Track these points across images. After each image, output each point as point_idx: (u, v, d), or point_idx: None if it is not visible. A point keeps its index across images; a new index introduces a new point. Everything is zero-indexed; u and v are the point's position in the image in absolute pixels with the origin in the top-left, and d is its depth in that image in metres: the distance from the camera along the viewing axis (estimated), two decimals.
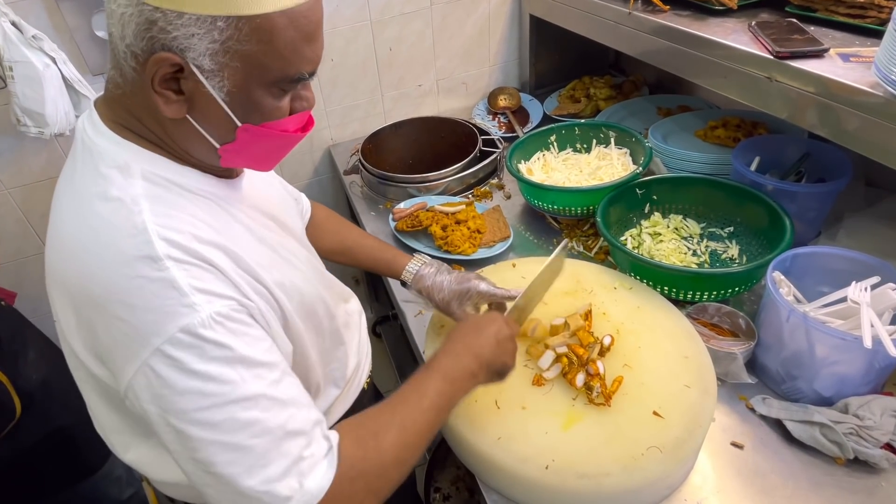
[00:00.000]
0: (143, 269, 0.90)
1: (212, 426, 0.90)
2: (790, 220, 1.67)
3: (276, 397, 0.95)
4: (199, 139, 1.01)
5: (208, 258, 0.95)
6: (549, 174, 2.20)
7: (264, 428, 0.92)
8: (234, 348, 0.92)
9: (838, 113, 1.34)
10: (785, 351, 1.44)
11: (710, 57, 1.64)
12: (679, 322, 1.54)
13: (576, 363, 1.41)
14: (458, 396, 1.18)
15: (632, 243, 1.93)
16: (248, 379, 0.93)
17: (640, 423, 1.31)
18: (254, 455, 0.92)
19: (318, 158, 2.96)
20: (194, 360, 0.90)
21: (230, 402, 0.91)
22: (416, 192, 2.40)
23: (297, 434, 0.95)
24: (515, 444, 1.31)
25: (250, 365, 0.94)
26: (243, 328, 0.96)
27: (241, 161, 1.08)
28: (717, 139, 2.21)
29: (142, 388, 0.92)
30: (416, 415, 1.09)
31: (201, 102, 0.96)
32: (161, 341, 0.89)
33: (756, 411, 1.46)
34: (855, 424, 1.33)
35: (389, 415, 1.08)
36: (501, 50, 3.02)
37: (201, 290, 0.92)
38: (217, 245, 0.98)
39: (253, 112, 0.99)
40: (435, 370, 1.17)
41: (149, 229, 0.92)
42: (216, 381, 0.91)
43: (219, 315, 0.92)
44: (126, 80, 0.98)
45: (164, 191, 0.99)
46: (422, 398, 1.12)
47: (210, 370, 0.90)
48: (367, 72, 2.80)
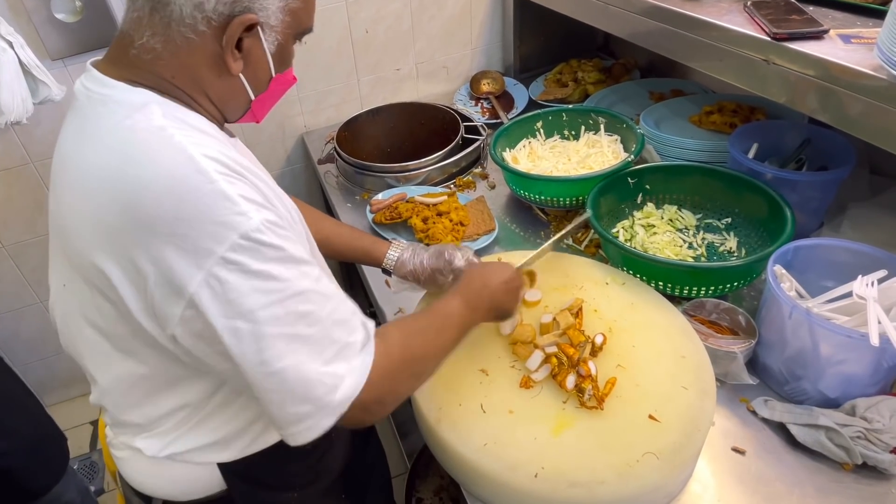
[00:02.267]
0: (194, 183, 0.97)
1: (276, 319, 1.00)
2: (791, 210, 1.66)
3: (321, 291, 1.07)
4: (240, 94, 1.17)
5: (244, 174, 1.04)
6: (535, 163, 2.20)
7: (317, 318, 1.04)
8: (286, 249, 1.02)
9: (840, 97, 1.33)
10: (787, 350, 1.43)
11: (704, 39, 1.63)
12: (675, 319, 1.54)
13: (566, 364, 1.40)
14: (474, 323, 1.35)
15: (624, 236, 1.92)
16: (298, 276, 1.03)
17: (634, 428, 1.31)
18: (312, 342, 1.04)
19: (290, 147, 2.97)
20: (254, 262, 0.98)
21: (289, 296, 1.01)
22: (394, 182, 2.40)
23: (341, 322, 1.09)
24: (503, 451, 1.30)
25: (298, 263, 1.04)
26: (286, 233, 1.04)
27: (259, 109, 1.25)
28: (713, 125, 2.21)
29: (207, 300, 0.98)
30: (448, 325, 1.29)
31: (255, 58, 1.13)
32: (224, 249, 0.97)
33: (758, 414, 1.45)
34: (863, 428, 1.32)
35: (428, 320, 1.29)
36: (484, 32, 3.04)
37: (249, 199, 1.00)
38: (245, 166, 1.06)
39: (283, 63, 1.19)
40: (460, 296, 1.34)
41: (187, 147, 1.00)
42: (276, 279, 1.00)
43: (268, 221, 1.00)
44: (169, 47, 1.06)
45: (184, 127, 1.05)
46: (452, 313, 1.31)
47: (270, 269, 1.00)
48: (342, 55, 2.81)
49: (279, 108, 2.75)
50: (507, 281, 1.44)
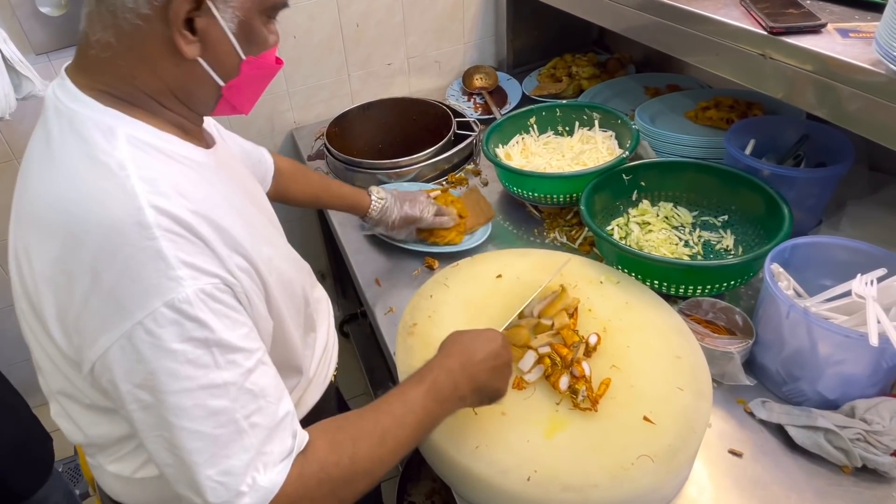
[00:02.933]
0: (132, 237, 0.92)
1: (180, 410, 0.93)
2: (788, 207, 1.66)
3: (246, 387, 0.98)
4: (206, 82, 1.09)
5: (196, 229, 0.97)
6: (528, 159, 2.20)
7: (230, 418, 0.96)
8: (215, 330, 0.95)
9: (838, 92, 1.33)
10: (785, 350, 1.43)
11: (699, 33, 1.63)
12: (670, 319, 1.53)
13: (559, 365, 1.40)
14: (442, 417, 1.20)
15: (618, 233, 1.92)
16: (223, 364, 0.96)
17: (629, 430, 1.30)
18: (217, 445, 0.95)
19: (280, 143, 2.96)
20: (173, 338, 0.92)
21: (201, 387, 0.94)
22: (385, 179, 2.39)
23: (261, 428, 0.98)
24: (495, 454, 1.29)
25: (227, 350, 0.96)
26: (225, 309, 0.98)
27: (237, 99, 1.16)
28: (709, 121, 2.20)
29: (116, 361, 0.94)
30: (399, 430, 1.12)
31: (213, 39, 1.04)
32: (144, 315, 0.91)
33: (755, 416, 1.45)
34: (862, 429, 1.31)
35: (372, 423, 1.11)
36: (477, 26, 3.03)
37: (188, 263, 0.94)
38: (203, 216, 1.00)
39: (253, 43, 1.09)
40: (428, 385, 1.18)
41: (138, 195, 0.94)
42: (192, 363, 0.93)
43: (203, 293, 0.95)
44: (122, 39, 1.01)
45: (148, 156, 1.01)
46: (407, 413, 1.14)
47: (187, 351, 0.93)
48: (332, 50, 2.80)
49: (268, 104, 2.77)
50: (493, 357, 1.26)
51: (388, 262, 2.05)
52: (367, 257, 2.07)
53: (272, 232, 1.30)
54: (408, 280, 1.96)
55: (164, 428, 0.95)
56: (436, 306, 1.64)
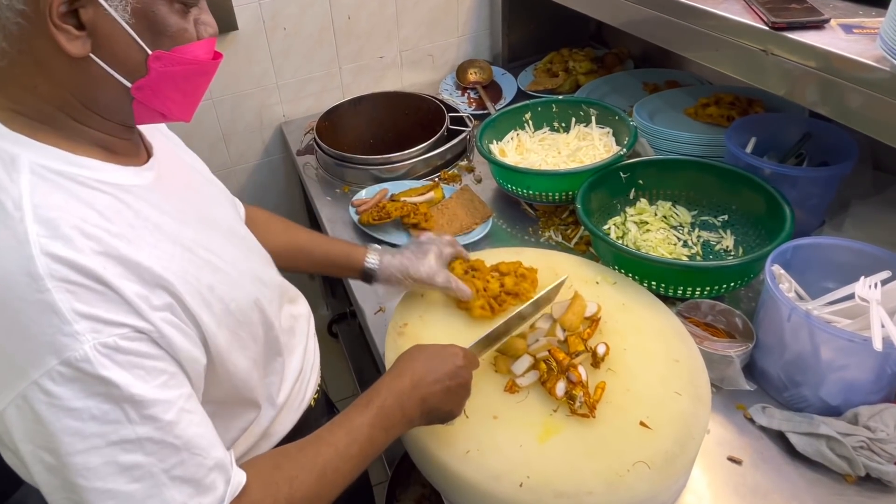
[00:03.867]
0: (20, 290, 0.85)
1: (87, 470, 0.87)
2: (790, 207, 1.66)
3: (165, 441, 0.91)
4: (108, 83, 0.97)
5: (100, 275, 0.89)
6: (523, 156, 2.20)
7: (146, 472, 0.90)
8: (122, 386, 0.87)
9: (841, 89, 1.32)
10: (787, 354, 1.42)
11: (699, 28, 1.62)
12: (668, 321, 1.52)
13: (555, 369, 1.38)
14: (388, 443, 1.17)
15: (615, 233, 1.91)
16: (136, 419, 0.89)
17: (625, 435, 1.29)
18: (132, 501, 0.89)
19: (268, 137, 2.94)
20: (74, 397, 0.85)
21: (111, 444, 0.88)
22: (377, 174, 2.38)
23: (184, 481, 0.93)
24: (486, 459, 1.28)
25: (140, 404, 0.89)
26: (136, 360, 0.90)
27: (159, 103, 1.04)
28: (709, 118, 2.20)
29: (14, 422, 0.87)
30: (341, 463, 1.09)
31: (105, 32, 0.93)
32: (38, 374, 0.84)
33: (755, 422, 1.44)
34: (866, 437, 1.31)
35: (312, 458, 1.08)
36: (471, 19, 3.03)
37: (87, 315, 0.86)
38: (113, 255, 0.92)
39: (161, 35, 0.97)
40: (374, 411, 1.16)
41: (30, 241, 0.86)
42: (97, 420, 0.87)
43: (105, 347, 0.87)
44: (12, 43, 0.92)
45: (55, 188, 0.93)
46: (351, 444, 1.11)
47: (91, 408, 0.86)
48: (323, 42, 2.79)
49: (256, 97, 2.77)
50: (449, 377, 1.23)
51: None
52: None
53: (227, 254, 1.18)
54: None
55: (71, 490, 0.88)
56: (427, 306, 1.62)
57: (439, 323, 1.57)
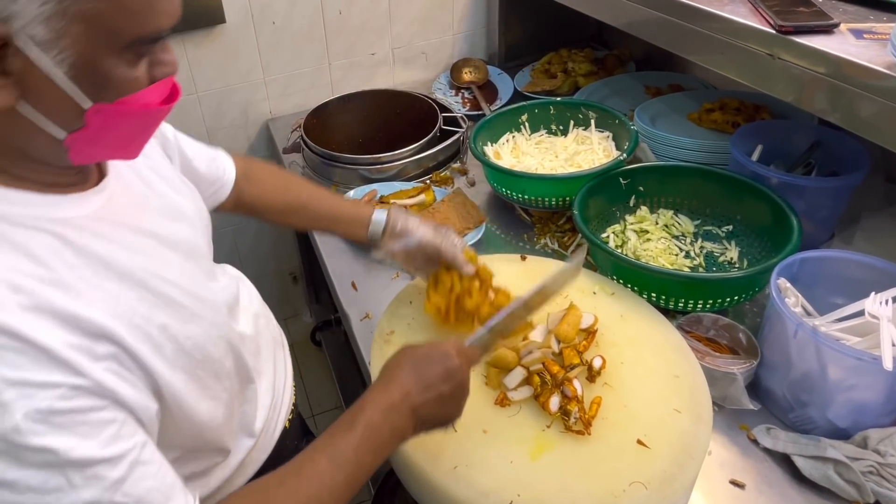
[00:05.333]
0: None
1: None
2: (798, 218, 1.65)
3: (114, 500, 0.87)
4: (37, 134, 0.90)
5: (26, 335, 0.83)
6: (519, 159, 2.19)
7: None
8: (60, 451, 0.82)
9: (851, 97, 1.32)
10: (793, 372, 1.41)
11: (703, 30, 1.63)
12: (669, 335, 1.51)
13: (549, 383, 1.36)
14: (378, 465, 1.10)
15: (614, 241, 1.91)
16: (80, 483, 0.84)
17: (621, 454, 1.27)
18: None
19: (253, 134, 2.94)
20: (7, 469, 0.80)
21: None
22: (366, 175, 2.38)
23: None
24: (475, 475, 1.25)
25: (83, 465, 0.84)
26: (78, 416, 0.85)
27: (98, 152, 0.98)
28: (714, 124, 2.21)
29: None
30: (325, 495, 1.03)
31: (35, 83, 0.84)
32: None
33: (759, 444, 1.43)
34: (875, 462, 1.30)
35: (294, 492, 1.01)
36: (467, 16, 3.04)
37: (15, 381, 0.81)
38: (45, 309, 0.87)
39: (105, 87, 0.88)
40: (360, 431, 1.08)
41: None
42: (35, 490, 0.82)
43: (38, 412, 0.81)
44: None
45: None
46: (336, 472, 1.04)
47: (28, 478, 0.81)
48: (313, 37, 2.80)
49: (243, 93, 2.78)
50: (442, 380, 1.16)
51: (365, 264, 2.02)
52: (343, 259, 2.05)
53: (184, 281, 1.12)
54: (386, 284, 1.93)
55: None
56: (415, 313, 1.61)
57: (427, 330, 1.56)
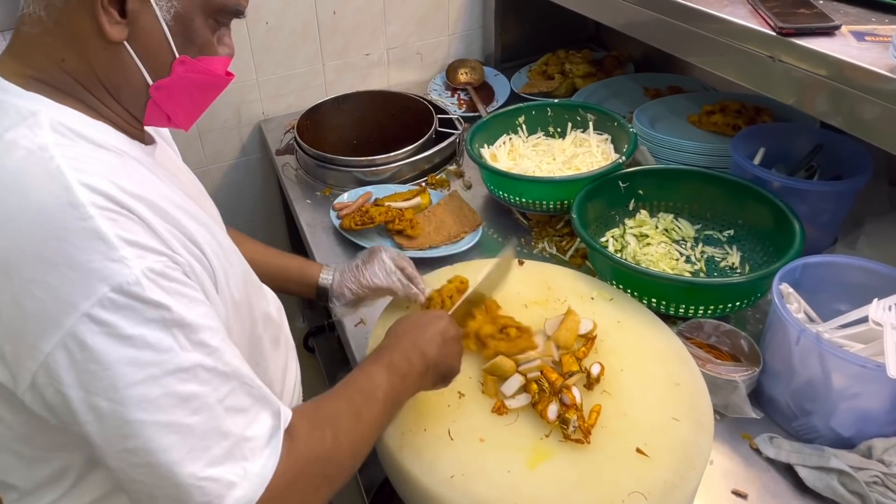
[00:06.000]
0: (63, 218, 0.88)
1: (147, 403, 0.89)
2: (800, 223, 1.65)
3: (216, 368, 0.95)
4: (132, 73, 1.06)
5: (134, 208, 0.94)
6: (516, 161, 2.19)
7: (203, 403, 0.93)
8: (172, 309, 0.91)
9: (853, 100, 1.32)
10: (795, 380, 1.40)
11: (702, 31, 1.62)
12: (669, 341, 1.50)
13: (547, 391, 1.36)
14: (408, 394, 1.26)
15: (614, 246, 1.90)
16: (187, 346, 0.92)
17: (620, 463, 1.27)
18: (194, 435, 0.92)
19: (246, 135, 2.93)
20: (128, 324, 0.88)
21: (167, 372, 0.90)
22: (360, 177, 2.37)
23: (238, 411, 0.97)
24: (472, 484, 1.25)
25: (189, 329, 0.93)
26: (179, 287, 0.95)
27: (170, 106, 1.13)
28: (714, 126, 2.21)
29: (63, 367, 0.88)
30: (372, 405, 1.16)
31: (144, 27, 1.02)
32: (90, 304, 0.86)
33: (762, 453, 1.42)
34: (880, 472, 1.29)
35: (345, 402, 1.14)
36: (463, 16, 3.04)
37: (131, 242, 0.90)
38: (139, 197, 0.96)
39: (191, 43, 1.07)
40: (384, 363, 1.23)
41: (66, 174, 0.90)
42: (153, 348, 0.89)
43: (152, 271, 0.91)
44: (51, 13, 0.99)
45: (74, 143, 0.97)
46: (375, 389, 1.18)
47: (146, 335, 0.89)
48: (307, 37, 2.79)
49: (235, 93, 2.76)
50: (440, 333, 1.32)
51: None
52: (337, 263, 2.00)
53: (223, 239, 1.21)
54: None
55: (128, 434, 0.89)
56: None
57: None
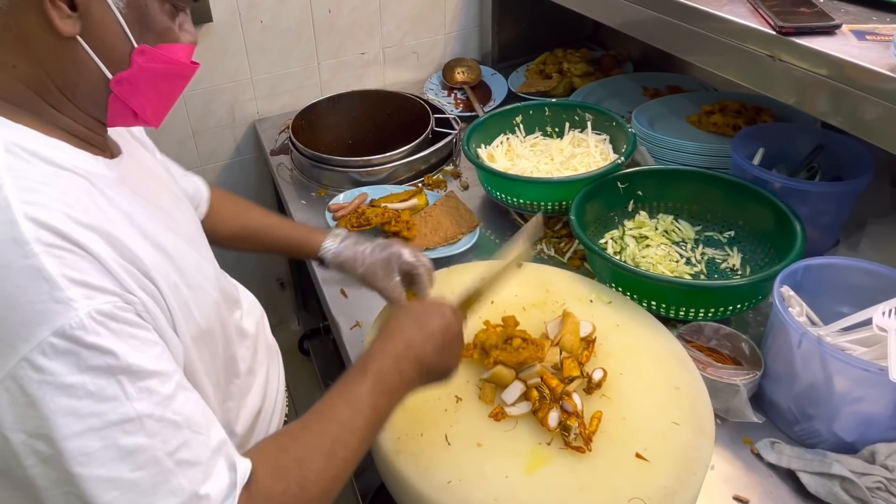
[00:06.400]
0: (5, 256, 0.84)
1: (85, 456, 0.84)
2: (801, 224, 1.64)
3: (165, 417, 0.90)
4: (89, 70, 1.01)
5: (84, 244, 0.89)
6: (513, 162, 2.18)
7: (150, 457, 0.87)
8: (119, 355, 0.86)
9: (854, 99, 1.32)
10: (797, 384, 1.40)
11: (702, 30, 1.63)
12: (669, 345, 1.50)
13: (548, 397, 1.35)
14: (393, 408, 1.16)
15: (612, 248, 1.90)
16: (133, 394, 0.87)
17: (620, 468, 1.26)
18: (137, 492, 0.86)
19: (240, 135, 2.92)
20: (68, 371, 0.83)
21: (109, 424, 0.85)
22: (356, 178, 2.37)
23: (191, 464, 0.91)
24: (469, 490, 1.25)
25: (137, 376, 0.88)
26: (130, 329, 0.90)
27: (135, 100, 1.08)
28: (714, 126, 2.21)
29: (3, 408, 0.84)
30: (348, 436, 1.07)
31: (96, 18, 0.97)
32: (29, 348, 0.82)
33: (764, 458, 1.41)
34: (883, 477, 1.28)
35: (318, 436, 1.05)
36: (459, 15, 3.04)
37: (78, 281, 0.86)
38: (93, 228, 0.92)
39: (148, 30, 1.02)
40: (372, 377, 1.13)
41: (12, 207, 0.86)
42: (93, 397, 0.85)
43: (99, 313, 0.86)
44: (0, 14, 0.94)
45: (29, 166, 0.94)
46: (355, 415, 1.09)
47: (87, 383, 0.84)
48: (301, 36, 2.79)
49: (230, 92, 2.75)
50: (442, 331, 1.24)
51: None
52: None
53: (190, 259, 1.17)
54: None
55: (69, 483, 0.84)
56: None
57: None
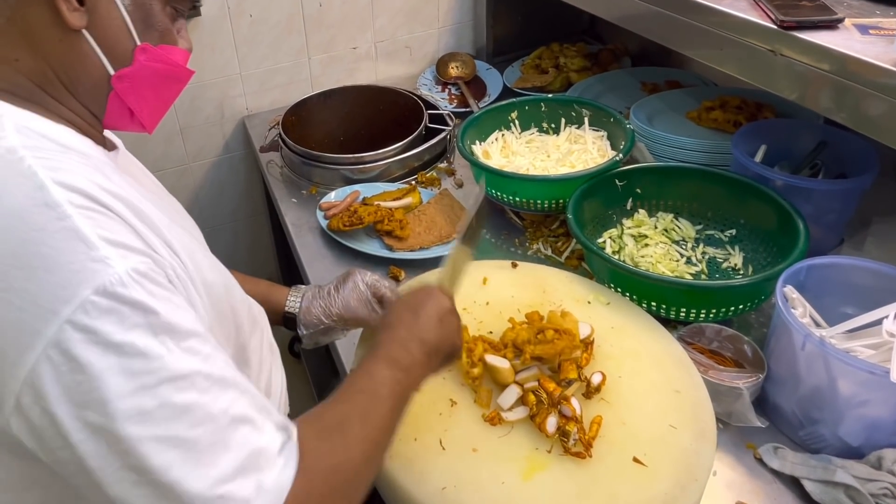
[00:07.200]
0: (38, 220, 0.84)
1: (143, 416, 0.83)
2: (804, 223, 1.64)
3: (213, 375, 0.90)
4: (92, 64, 1.04)
5: (113, 206, 0.91)
6: (509, 158, 2.18)
7: (206, 414, 0.87)
8: (160, 313, 0.87)
9: (858, 95, 1.31)
10: (801, 387, 1.39)
11: (701, 24, 1.62)
12: (669, 347, 1.49)
13: (546, 402, 1.33)
14: (413, 387, 1.17)
15: (611, 247, 1.89)
16: (178, 352, 0.87)
17: (619, 474, 1.25)
18: (198, 450, 0.86)
19: (229, 131, 2.92)
20: (115, 330, 0.83)
21: (162, 381, 0.85)
22: (348, 175, 2.36)
23: (244, 420, 0.91)
24: (464, 497, 1.23)
25: (179, 335, 0.88)
26: (163, 291, 0.90)
27: (134, 99, 1.11)
28: (714, 123, 2.21)
29: (47, 380, 0.82)
30: (377, 403, 1.09)
31: (103, 13, 1.01)
32: (71, 309, 0.81)
33: (767, 464, 1.41)
34: (890, 483, 1.27)
35: (349, 405, 1.07)
36: (453, 8, 3.04)
37: (112, 241, 0.86)
38: (118, 196, 0.93)
39: (151, 29, 1.07)
40: (382, 359, 1.15)
41: (38, 174, 0.87)
42: (143, 355, 0.84)
43: (136, 272, 0.86)
44: (2, 11, 0.97)
45: (42, 142, 0.95)
46: (378, 386, 1.11)
47: (135, 341, 0.84)
48: (292, 30, 2.79)
49: (218, 88, 2.75)
50: (435, 312, 1.26)
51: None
52: (324, 265, 2.03)
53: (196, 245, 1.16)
54: None
55: (124, 452, 0.83)
56: None
57: None
